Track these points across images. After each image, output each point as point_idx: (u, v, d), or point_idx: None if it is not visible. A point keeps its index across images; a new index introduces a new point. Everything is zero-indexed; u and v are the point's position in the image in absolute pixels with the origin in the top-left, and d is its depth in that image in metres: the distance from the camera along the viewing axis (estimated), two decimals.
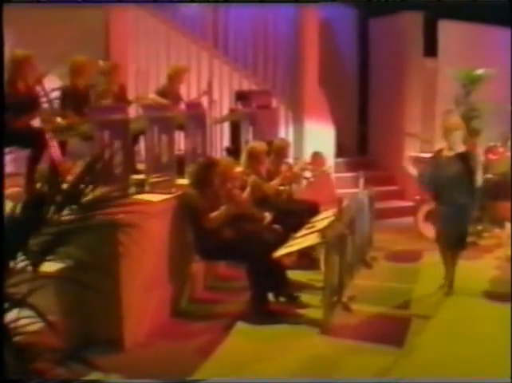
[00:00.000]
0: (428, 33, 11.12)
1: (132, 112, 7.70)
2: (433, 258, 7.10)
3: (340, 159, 11.22)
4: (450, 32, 11.05)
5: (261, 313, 5.92)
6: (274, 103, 10.10)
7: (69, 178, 3.74)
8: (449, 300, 6.54)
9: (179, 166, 6.75)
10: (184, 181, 6.51)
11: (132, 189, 6.02)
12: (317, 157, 9.96)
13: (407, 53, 11.37)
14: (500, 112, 9.87)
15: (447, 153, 6.65)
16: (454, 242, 6.66)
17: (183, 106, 7.60)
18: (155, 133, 6.34)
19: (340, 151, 11.24)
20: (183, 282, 6.32)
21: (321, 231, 5.74)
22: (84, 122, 6.37)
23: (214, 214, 5.97)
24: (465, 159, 6.63)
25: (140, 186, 6.20)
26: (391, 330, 5.80)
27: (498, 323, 5.85)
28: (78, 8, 7.81)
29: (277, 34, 10.64)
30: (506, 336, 5.27)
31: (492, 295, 6.66)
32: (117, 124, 5.94)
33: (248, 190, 6.57)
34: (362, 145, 12.51)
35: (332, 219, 6.22)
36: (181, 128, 7.17)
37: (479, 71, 10.14)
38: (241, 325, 5.81)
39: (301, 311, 6.13)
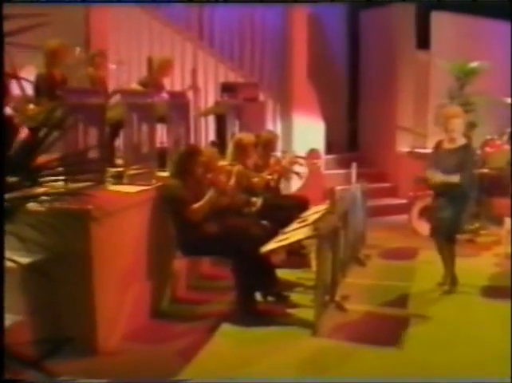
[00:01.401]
0: (421, 25, 10.89)
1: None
2: (429, 256, 6.81)
3: (330, 156, 10.93)
4: (443, 24, 10.81)
5: (247, 314, 5.54)
6: (262, 96, 9.78)
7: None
8: (447, 298, 6.23)
9: (161, 159, 6.38)
10: (166, 174, 6.12)
11: (109, 181, 5.67)
12: (314, 154, 9.64)
13: (399, 46, 11.14)
14: (495, 105, 9.65)
15: (447, 145, 6.26)
16: (447, 236, 6.31)
17: (165, 95, 7.13)
18: (134, 122, 5.93)
19: (330, 147, 10.97)
20: (163, 281, 5.90)
21: (314, 224, 5.31)
22: (56, 107, 5.88)
23: (197, 204, 5.56)
24: (466, 151, 6.26)
25: (118, 178, 5.83)
26: (388, 331, 5.43)
27: (499, 321, 5.55)
28: None
29: (265, 26, 10.37)
30: (506, 334, 4.98)
31: (492, 292, 6.42)
32: (92, 108, 5.50)
33: (233, 179, 6.17)
34: (352, 141, 12.27)
35: (324, 212, 5.81)
36: (163, 120, 6.81)
37: (473, 64, 9.87)
38: (226, 327, 5.41)
39: (291, 311, 5.75)
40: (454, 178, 6.06)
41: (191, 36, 9.82)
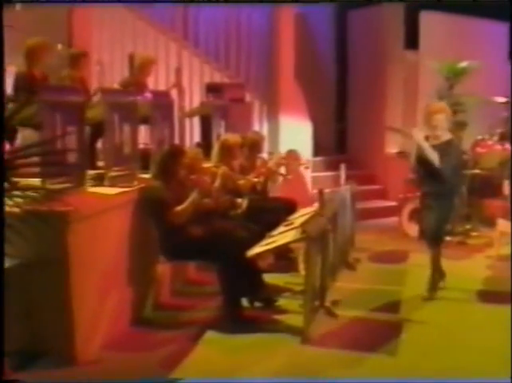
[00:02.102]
0: (409, 25, 10.71)
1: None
2: (420, 259, 6.62)
3: (317, 158, 10.73)
4: (431, 23, 10.60)
5: (234, 321, 5.31)
6: (248, 97, 9.65)
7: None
8: (441, 302, 6.04)
9: (144, 161, 6.14)
10: (148, 176, 5.90)
11: (89, 183, 5.45)
12: (292, 155, 9.41)
13: (387, 46, 10.95)
14: (485, 105, 9.42)
15: (432, 142, 6.02)
16: (432, 238, 6.12)
17: (148, 95, 6.90)
18: (115, 122, 5.68)
19: (318, 149, 10.77)
20: (146, 286, 5.67)
21: (302, 226, 5.09)
22: (27, 103, 5.64)
23: (180, 207, 5.33)
24: (450, 146, 6.02)
25: (99, 180, 5.60)
26: (381, 337, 5.19)
27: (493, 325, 5.40)
28: None
29: (251, 26, 10.19)
30: (502, 339, 4.83)
31: (485, 296, 6.25)
32: (71, 107, 5.24)
33: (218, 180, 5.95)
34: (341, 143, 12.10)
35: (312, 214, 5.61)
36: (146, 120, 6.56)
37: (463, 63, 9.58)
38: (211, 335, 5.17)
39: (279, 318, 5.53)
40: (434, 156, 5.84)
41: (175, 36, 9.62)
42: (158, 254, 5.59)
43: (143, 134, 6.93)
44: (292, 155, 9.16)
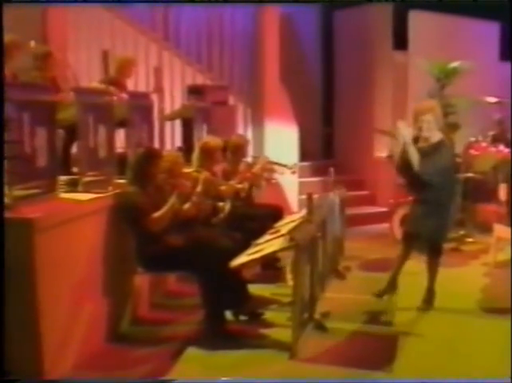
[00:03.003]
0: (398, 25, 10.53)
1: None
2: (413, 266, 6.28)
3: (304, 163, 10.48)
4: (421, 23, 10.42)
5: (217, 336, 5.01)
6: (232, 100, 9.36)
7: None
8: (438, 313, 5.78)
9: (121, 165, 5.83)
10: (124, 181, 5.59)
11: (62, 188, 5.14)
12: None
13: (376, 46, 10.78)
14: (477, 107, 9.24)
15: (421, 144, 5.74)
16: (429, 246, 5.88)
17: (124, 95, 6.58)
18: (90, 123, 5.39)
19: (304, 154, 10.52)
20: (122, 299, 5.34)
21: (290, 233, 4.79)
22: None
23: (158, 213, 5.02)
24: (443, 148, 5.75)
25: (73, 185, 5.30)
26: (376, 352, 4.94)
27: (495, 337, 5.13)
28: None
29: (235, 27, 9.92)
30: (507, 352, 4.55)
31: (486, 305, 6.03)
32: (41, 106, 4.89)
33: (200, 186, 5.64)
34: (328, 147, 11.93)
35: (300, 220, 5.31)
36: (124, 123, 6.31)
37: (454, 64, 9.40)
38: (193, 351, 4.86)
39: (266, 332, 5.25)
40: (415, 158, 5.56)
41: (155, 36, 9.30)
42: (135, 264, 5.26)
43: (121, 137, 6.60)
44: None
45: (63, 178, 5.35)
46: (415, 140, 5.76)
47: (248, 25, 9.88)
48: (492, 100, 9.23)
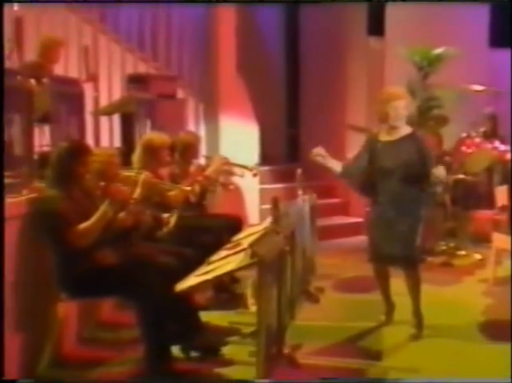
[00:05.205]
0: (373, 7, 10.29)
1: None
2: (395, 286, 5.88)
3: (265, 167, 10.19)
4: (399, 7, 10.12)
5: (161, 377, 4.51)
6: (181, 93, 9.00)
7: None
8: (433, 341, 5.36)
9: (43, 166, 5.30)
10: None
11: None
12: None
13: (347, 33, 10.64)
14: (466, 99, 8.96)
15: (384, 138, 5.38)
16: (400, 258, 5.42)
17: (47, 81, 6.10)
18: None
19: (265, 157, 10.28)
20: (42, 333, 4.77)
21: (251, 247, 4.25)
22: None
23: (85, 224, 4.51)
24: (412, 143, 5.31)
25: None
26: None
27: (502, 367, 4.67)
28: None
29: (184, 13, 9.53)
30: None
31: (489, 331, 5.64)
32: None
33: (139, 190, 5.23)
34: (292, 150, 11.84)
35: (264, 232, 4.82)
36: (46, 118, 6.06)
37: (438, 50, 9.17)
38: None
39: (224, 371, 4.82)
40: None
41: (89, 17, 8.76)
42: (57, 288, 4.73)
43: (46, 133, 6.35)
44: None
45: None
46: (375, 135, 5.47)
47: (199, 11, 9.55)
48: (479, 88, 9.04)
